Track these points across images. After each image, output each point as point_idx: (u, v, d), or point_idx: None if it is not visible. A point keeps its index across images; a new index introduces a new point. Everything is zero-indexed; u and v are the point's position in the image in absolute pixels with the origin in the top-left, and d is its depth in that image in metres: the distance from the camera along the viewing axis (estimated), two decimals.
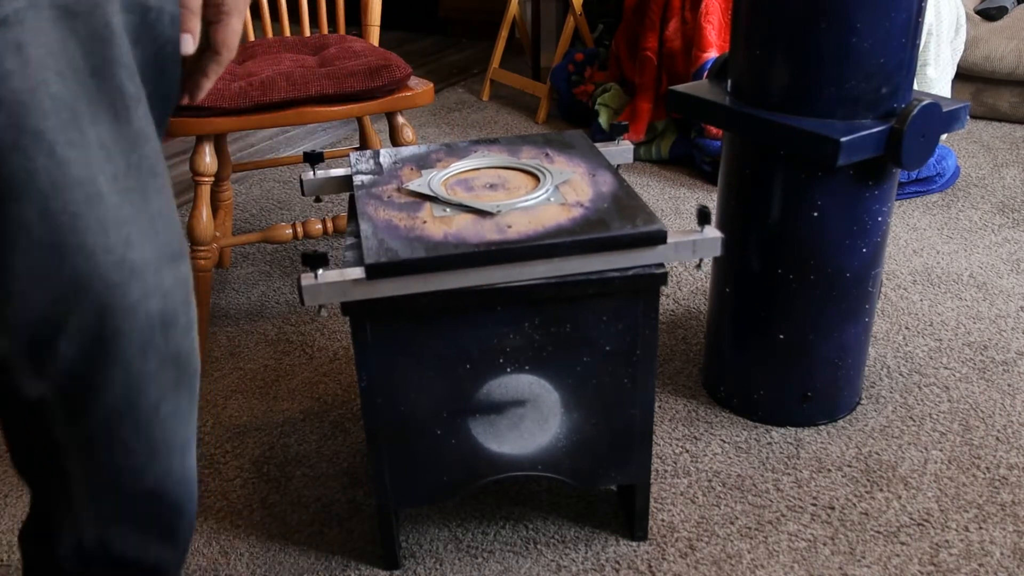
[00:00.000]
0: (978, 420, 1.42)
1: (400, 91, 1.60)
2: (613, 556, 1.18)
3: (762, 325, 1.37)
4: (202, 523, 1.27)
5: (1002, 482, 1.29)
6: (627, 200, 1.06)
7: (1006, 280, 1.85)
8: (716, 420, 1.45)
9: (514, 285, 0.98)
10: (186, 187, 2.54)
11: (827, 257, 1.29)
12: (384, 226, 1.02)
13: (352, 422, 1.48)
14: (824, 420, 1.42)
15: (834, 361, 1.37)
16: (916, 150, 1.20)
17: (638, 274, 1.00)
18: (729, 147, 1.34)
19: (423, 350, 1.02)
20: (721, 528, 1.23)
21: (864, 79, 1.18)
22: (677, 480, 1.32)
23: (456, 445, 1.09)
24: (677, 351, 1.65)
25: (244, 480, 1.35)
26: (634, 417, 1.10)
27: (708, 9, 2.38)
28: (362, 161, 1.22)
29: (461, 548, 1.21)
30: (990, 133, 2.72)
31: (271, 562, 1.20)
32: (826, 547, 1.19)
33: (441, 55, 4.02)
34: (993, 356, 1.59)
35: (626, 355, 1.06)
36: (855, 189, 1.25)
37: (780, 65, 1.21)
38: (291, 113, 1.52)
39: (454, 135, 2.91)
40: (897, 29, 1.16)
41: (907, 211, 2.20)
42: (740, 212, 1.33)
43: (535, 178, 1.13)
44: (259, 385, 1.58)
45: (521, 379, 1.05)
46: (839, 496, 1.27)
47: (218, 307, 1.85)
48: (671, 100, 1.37)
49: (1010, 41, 2.68)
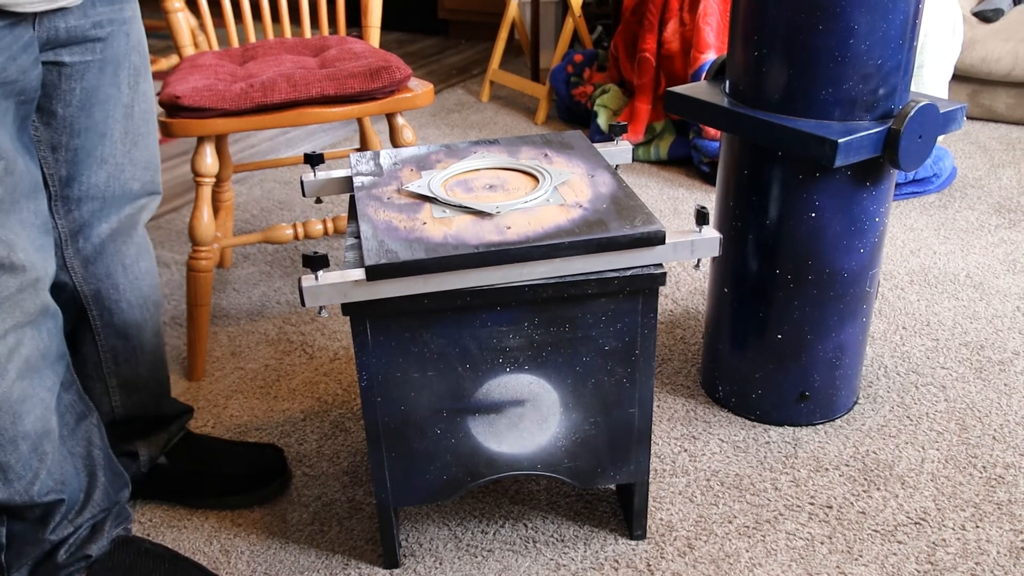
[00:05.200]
0: (975, 419, 1.43)
1: (400, 92, 1.61)
2: (612, 555, 1.19)
3: (760, 325, 1.37)
4: (202, 522, 1.28)
5: (998, 481, 1.30)
6: (626, 201, 1.06)
7: (1002, 280, 1.86)
8: (714, 419, 1.45)
9: (513, 285, 0.99)
10: (187, 188, 2.55)
11: (825, 257, 1.30)
12: (384, 227, 1.03)
13: (352, 422, 1.48)
14: (822, 419, 1.43)
15: (832, 361, 1.38)
16: (913, 151, 1.20)
17: (637, 274, 1.00)
18: (727, 148, 1.35)
19: (423, 350, 1.03)
20: (719, 527, 1.23)
21: (861, 80, 1.18)
22: (675, 479, 1.33)
23: (456, 444, 1.10)
24: (676, 351, 1.65)
25: None
26: (633, 416, 1.11)
27: (706, 11, 2.39)
28: (362, 162, 1.23)
29: (461, 547, 1.22)
30: (987, 134, 2.73)
31: (271, 560, 1.21)
32: (824, 546, 1.19)
33: (441, 56, 4.03)
34: (990, 356, 1.60)
35: (625, 355, 1.06)
36: (852, 190, 1.26)
37: (778, 66, 1.21)
38: (292, 114, 1.53)
39: (454, 136, 2.92)
40: (894, 31, 1.16)
41: (904, 212, 2.20)
42: (738, 213, 1.34)
43: (534, 179, 1.14)
44: (260, 385, 1.59)
45: (520, 379, 1.06)
46: (837, 495, 1.28)
47: (219, 307, 1.86)
48: (669, 101, 1.37)
49: (1006, 43, 2.69)
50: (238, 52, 1.78)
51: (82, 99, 1.04)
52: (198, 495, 1.30)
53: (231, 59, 1.73)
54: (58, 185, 1.07)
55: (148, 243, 1.21)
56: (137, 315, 1.19)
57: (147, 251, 1.20)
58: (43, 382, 1.00)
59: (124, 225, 1.15)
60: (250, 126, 1.51)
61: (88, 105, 1.05)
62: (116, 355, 1.19)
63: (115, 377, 1.21)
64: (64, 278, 1.12)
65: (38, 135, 1.04)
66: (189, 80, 1.54)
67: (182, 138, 2.90)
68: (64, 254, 1.11)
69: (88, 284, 1.14)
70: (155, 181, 1.17)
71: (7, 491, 1.00)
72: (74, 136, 1.05)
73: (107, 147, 1.08)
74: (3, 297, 0.92)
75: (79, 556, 1.09)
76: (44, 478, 1.02)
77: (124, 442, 1.26)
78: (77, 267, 1.12)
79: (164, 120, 1.49)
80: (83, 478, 1.09)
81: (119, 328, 1.18)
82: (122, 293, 1.17)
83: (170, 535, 1.26)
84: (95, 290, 1.14)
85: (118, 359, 1.20)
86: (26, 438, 0.99)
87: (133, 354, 1.21)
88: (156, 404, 1.27)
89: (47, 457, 1.02)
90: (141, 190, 1.15)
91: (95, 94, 1.05)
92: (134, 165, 1.12)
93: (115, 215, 1.13)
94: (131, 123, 1.10)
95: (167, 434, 1.30)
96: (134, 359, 1.21)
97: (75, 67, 1.02)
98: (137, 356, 1.21)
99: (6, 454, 0.98)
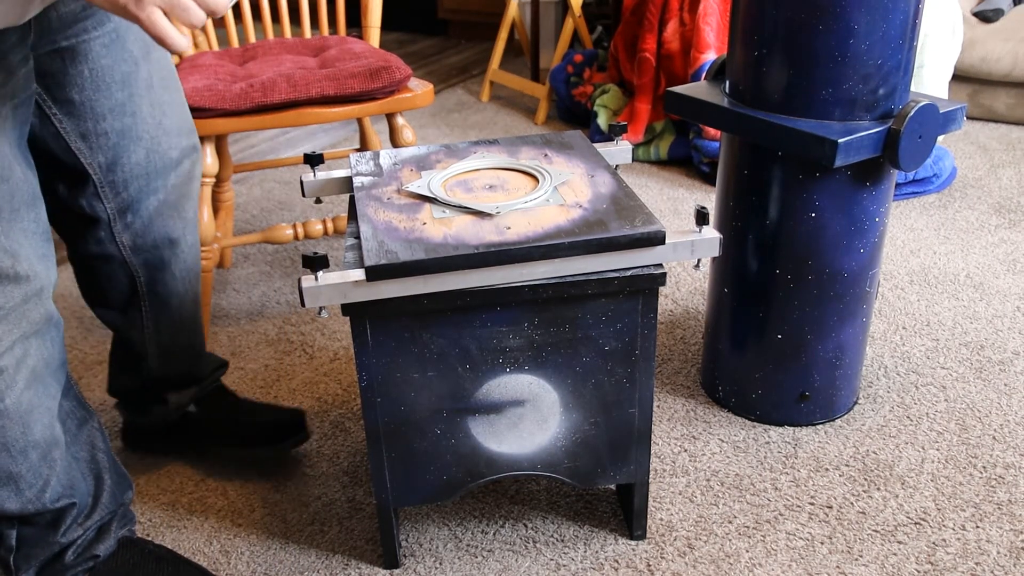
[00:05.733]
0: (975, 419, 1.43)
1: (400, 92, 1.61)
2: (612, 555, 1.19)
3: (760, 325, 1.37)
4: (203, 521, 1.28)
5: (999, 481, 1.30)
6: (626, 201, 1.06)
7: (1002, 280, 1.86)
8: (714, 420, 1.45)
9: (513, 286, 0.99)
10: None
11: (825, 257, 1.30)
12: (384, 227, 1.03)
13: (352, 422, 1.48)
14: (822, 420, 1.43)
15: (832, 361, 1.38)
16: (913, 151, 1.20)
17: (637, 274, 1.00)
18: (727, 148, 1.35)
19: (423, 350, 1.03)
20: (719, 527, 1.23)
21: (862, 80, 1.18)
22: (675, 479, 1.33)
23: (456, 444, 1.10)
24: (676, 351, 1.65)
25: (244, 479, 1.36)
26: (633, 416, 1.11)
27: (706, 11, 2.39)
28: (362, 162, 1.23)
29: (461, 547, 1.22)
30: (986, 134, 2.73)
31: (271, 561, 1.21)
32: (824, 546, 1.19)
33: (441, 56, 4.03)
34: (990, 356, 1.60)
35: (625, 355, 1.06)
36: (852, 190, 1.26)
37: (778, 66, 1.21)
38: (291, 114, 1.53)
39: (453, 136, 2.92)
40: (894, 31, 1.16)
41: (904, 212, 2.20)
42: (738, 213, 1.34)
43: (534, 179, 1.14)
44: (260, 385, 1.59)
45: (520, 379, 1.06)
46: (837, 495, 1.28)
47: (219, 307, 1.86)
48: (669, 101, 1.37)
49: (1006, 43, 2.69)
50: (238, 52, 1.78)
51: (95, 81, 1.02)
52: (222, 443, 1.36)
53: (231, 59, 1.73)
54: (100, 172, 1.08)
55: (196, 216, 1.23)
56: (180, 287, 1.23)
57: (194, 225, 1.23)
58: (48, 391, 1.00)
59: (171, 196, 1.16)
60: (250, 126, 1.51)
61: (104, 86, 1.03)
62: (159, 322, 1.24)
63: (155, 342, 1.25)
64: (112, 250, 1.15)
65: (64, 127, 1.03)
66: (189, 80, 1.54)
67: None
68: (113, 229, 1.13)
69: (137, 255, 1.17)
70: (192, 141, 1.18)
71: (20, 501, 1.00)
72: (99, 120, 1.04)
73: (139, 125, 1.08)
74: (9, 308, 0.92)
75: (87, 556, 1.09)
76: (54, 485, 1.03)
77: (156, 392, 1.32)
78: (126, 240, 1.15)
79: None
80: (90, 482, 1.10)
81: (162, 298, 1.22)
82: (167, 266, 1.20)
83: (170, 535, 1.26)
84: (143, 261, 1.17)
85: (159, 326, 1.24)
86: (36, 447, 0.99)
87: (172, 322, 1.25)
88: (190, 366, 1.33)
89: (56, 464, 1.02)
90: (181, 155, 1.15)
91: (110, 74, 1.03)
92: (168, 134, 1.12)
93: (162, 187, 1.14)
94: (154, 94, 1.09)
95: (199, 388, 1.36)
96: (173, 327, 1.25)
97: (76, 48, 1.00)
98: (176, 324, 1.25)
99: (17, 464, 0.98)
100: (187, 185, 1.18)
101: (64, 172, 1.07)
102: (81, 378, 1.63)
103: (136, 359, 1.28)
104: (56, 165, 1.06)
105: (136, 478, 1.37)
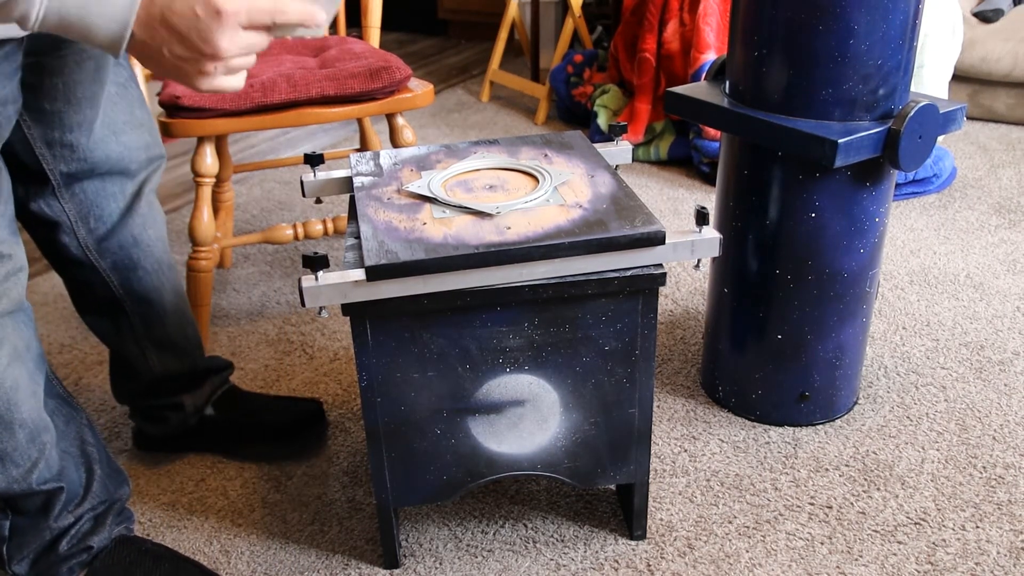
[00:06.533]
0: (975, 420, 1.43)
1: (400, 92, 1.61)
2: (612, 555, 1.19)
3: (760, 325, 1.37)
4: (203, 521, 1.28)
5: (998, 481, 1.30)
6: (626, 201, 1.06)
7: (1002, 280, 1.86)
8: (714, 420, 1.45)
9: (513, 286, 0.99)
10: (187, 188, 2.55)
11: (824, 257, 1.30)
12: (384, 227, 1.03)
13: (352, 422, 1.48)
14: (822, 420, 1.43)
15: (831, 361, 1.38)
16: (913, 151, 1.21)
17: (637, 274, 1.00)
18: (727, 148, 1.35)
19: (423, 350, 1.03)
20: (719, 527, 1.23)
21: (861, 80, 1.18)
22: (675, 479, 1.33)
23: (456, 445, 1.10)
24: (676, 351, 1.65)
25: (245, 479, 1.36)
26: (633, 417, 1.11)
27: (706, 11, 2.39)
28: (362, 162, 1.23)
29: (461, 547, 1.22)
30: (986, 134, 2.73)
31: (271, 560, 1.21)
32: (824, 546, 1.19)
33: (441, 57, 4.03)
34: (990, 356, 1.60)
35: (625, 355, 1.06)
36: (852, 190, 1.26)
37: (778, 66, 1.21)
38: (292, 114, 1.53)
39: (454, 136, 2.92)
40: (894, 31, 1.16)
41: (904, 212, 2.20)
42: (738, 213, 1.34)
43: (534, 179, 1.14)
44: (260, 385, 1.59)
45: (520, 379, 1.06)
46: (837, 495, 1.28)
47: (219, 307, 1.86)
48: (669, 101, 1.37)
49: (1006, 43, 2.69)
50: None
51: (66, 94, 1.06)
52: (246, 444, 1.39)
53: None
54: (60, 177, 1.12)
55: (154, 208, 1.26)
56: (154, 280, 1.25)
57: (153, 218, 1.25)
58: (31, 376, 1.02)
59: (130, 201, 1.20)
60: (250, 126, 1.51)
61: (75, 100, 1.07)
62: (144, 319, 1.26)
63: (147, 339, 1.28)
64: (80, 256, 1.18)
65: (32, 132, 1.07)
66: None
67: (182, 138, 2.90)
68: (77, 235, 1.16)
69: (104, 259, 1.20)
70: (153, 151, 1.21)
71: (5, 478, 1.01)
72: (66, 132, 1.08)
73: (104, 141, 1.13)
74: None
75: (81, 548, 1.09)
76: (42, 468, 1.04)
77: (169, 395, 1.34)
78: (91, 246, 1.18)
79: (164, 120, 1.49)
80: (81, 471, 1.11)
81: (140, 295, 1.24)
82: (137, 263, 1.23)
83: (170, 535, 1.26)
84: (111, 263, 1.21)
85: (146, 322, 1.27)
86: (23, 426, 1.00)
87: (158, 316, 1.27)
88: (191, 359, 1.35)
89: (46, 448, 1.04)
90: (139, 167, 1.19)
91: (80, 89, 1.07)
92: (129, 148, 1.16)
93: (120, 195, 1.18)
94: (118, 111, 1.14)
95: (209, 386, 1.38)
96: (160, 321, 1.28)
97: (53, 62, 1.04)
98: (162, 317, 1.28)
99: (2, 441, 0.99)
100: (145, 186, 1.22)
101: (25, 175, 1.11)
102: (81, 378, 1.63)
103: (135, 361, 1.29)
104: (18, 167, 1.10)
105: (136, 478, 1.37)
